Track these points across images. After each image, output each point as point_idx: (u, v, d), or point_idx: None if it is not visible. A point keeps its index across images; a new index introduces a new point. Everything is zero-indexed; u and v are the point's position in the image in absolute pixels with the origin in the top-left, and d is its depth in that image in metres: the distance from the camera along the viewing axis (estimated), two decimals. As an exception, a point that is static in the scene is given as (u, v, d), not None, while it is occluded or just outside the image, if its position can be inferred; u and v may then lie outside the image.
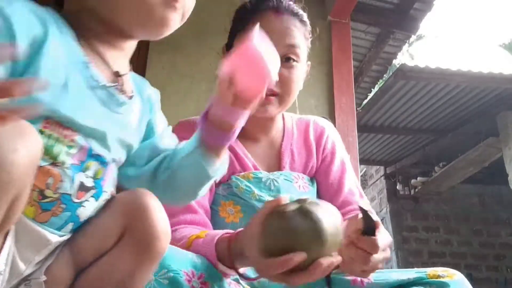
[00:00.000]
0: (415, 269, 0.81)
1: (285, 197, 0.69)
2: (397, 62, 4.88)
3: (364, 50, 3.65)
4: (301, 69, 0.97)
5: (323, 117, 1.18)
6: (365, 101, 4.90)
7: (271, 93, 0.94)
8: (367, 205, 0.93)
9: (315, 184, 1.04)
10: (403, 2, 3.16)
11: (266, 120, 1.01)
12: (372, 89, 4.60)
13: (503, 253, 6.68)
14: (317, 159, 1.05)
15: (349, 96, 2.63)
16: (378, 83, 4.49)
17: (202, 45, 2.60)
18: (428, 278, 0.76)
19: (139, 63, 2.56)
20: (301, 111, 2.53)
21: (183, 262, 0.67)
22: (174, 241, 0.82)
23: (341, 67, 2.70)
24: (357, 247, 0.67)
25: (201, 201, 0.91)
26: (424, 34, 12.33)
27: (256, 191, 0.93)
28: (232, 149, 0.99)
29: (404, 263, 6.33)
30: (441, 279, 0.75)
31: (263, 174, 0.97)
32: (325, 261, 0.60)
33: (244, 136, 1.02)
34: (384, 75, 4.44)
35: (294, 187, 0.98)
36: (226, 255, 0.72)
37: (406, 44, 3.89)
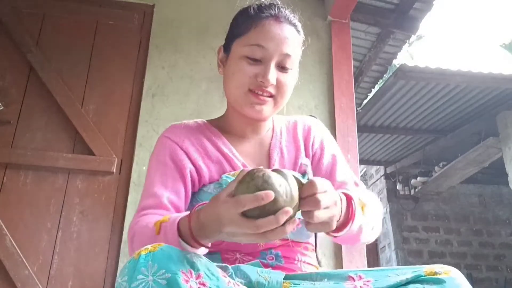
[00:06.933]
0: (412, 266, 0.81)
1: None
2: (397, 62, 4.87)
3: (364, 50, 3.65)
4: (294, 76, 1.01)
5: (310, 115, 1.20)
6: (365, 101, 4.90)
7: (267, 95, 0.97)
8: (361, 192, 0.94)
9: (306, 180, 1.04)
10: (403, 2, 3.16)
11: (259, 120, 1.03)
12: (372, 89, 4.60)
13: (503, 253, 6.69)
14: (307, 156, 1.07)
15: (349, 96, 2.63)
16: (378, 83, 4.48)
17: (202, 45, 2.60)
18: (425, 275, 0.76)
19: (139, 63, 2.57)
20: (301, 111, 2.55)
21: (181, 262, 0.67)
22: (140, 228, 0.84)
23: (341, 67, 2.70)
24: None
25: (175, 202, 0.93)
26: (424, 34, 12.34)
27: None
28: (220, 151, 1.00)
29: (404, 263, 6.33)
30: (438, 276, 0.75)
31: None
32: (290, 210, 0.66)
33: (234, 133, 1.04)
34: (384, 75, 4.44)
35: None
36: (188, 233, 0.75)
37: (406, 44, 3.88)
